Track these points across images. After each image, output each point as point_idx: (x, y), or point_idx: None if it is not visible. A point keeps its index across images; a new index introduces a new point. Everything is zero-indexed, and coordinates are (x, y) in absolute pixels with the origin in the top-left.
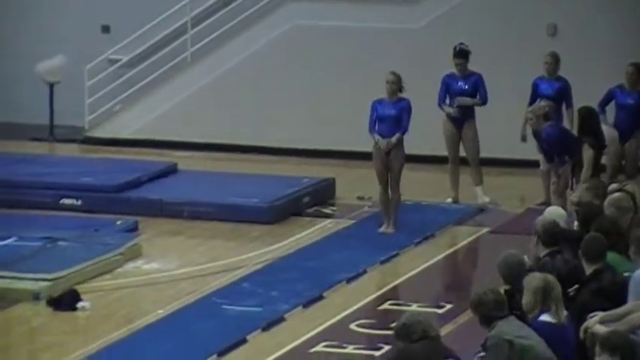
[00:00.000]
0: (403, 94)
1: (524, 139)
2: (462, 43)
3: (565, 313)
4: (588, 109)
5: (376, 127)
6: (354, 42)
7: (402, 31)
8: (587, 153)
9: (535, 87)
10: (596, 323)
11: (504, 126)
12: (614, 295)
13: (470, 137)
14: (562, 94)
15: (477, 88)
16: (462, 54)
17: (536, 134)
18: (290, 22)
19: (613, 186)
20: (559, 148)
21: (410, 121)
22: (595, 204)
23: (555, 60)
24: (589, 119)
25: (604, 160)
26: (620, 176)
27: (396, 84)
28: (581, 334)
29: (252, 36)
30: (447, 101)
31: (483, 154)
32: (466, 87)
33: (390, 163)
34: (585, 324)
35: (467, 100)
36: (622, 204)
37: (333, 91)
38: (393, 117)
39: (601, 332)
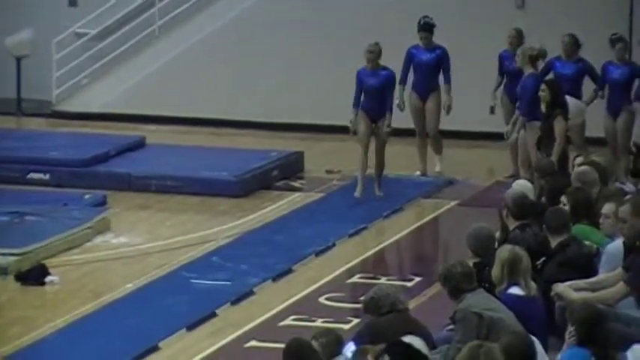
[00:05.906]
0: None
1: (492, 110)
2: (426, 17)
3: (534, 285)
4: (555, 80)
5: (361, 99)
6: (322, 15)
7: (371, 3)
8: (560, 125)
9: (501, 59)
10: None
11: (472, 99)
12: (580, 267)
13: (431, 109)
14: None
15: (441, 62)
16: (426, 27)
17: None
18: None
19: (578, 159)
20: (530, 99)
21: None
22: (562, 176)
23: (518, 35)
24: (558, 90)
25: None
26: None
27: (374, 53)
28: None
29: (219, 9)
30: (412, 73)
31: (452, 127)
32: (431, 59)
33: (378, 130)
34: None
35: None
36: (587, 178)
37: (302, 64)
38: (376, 88)
39: (572, 296)
